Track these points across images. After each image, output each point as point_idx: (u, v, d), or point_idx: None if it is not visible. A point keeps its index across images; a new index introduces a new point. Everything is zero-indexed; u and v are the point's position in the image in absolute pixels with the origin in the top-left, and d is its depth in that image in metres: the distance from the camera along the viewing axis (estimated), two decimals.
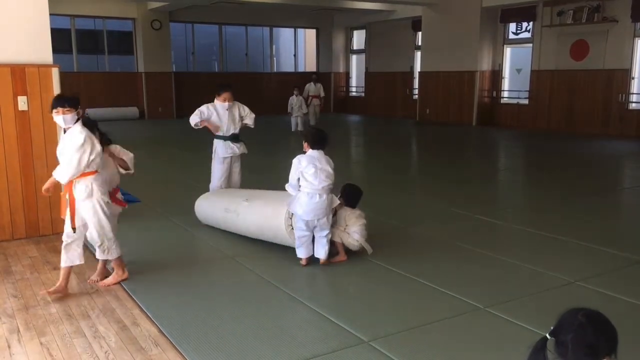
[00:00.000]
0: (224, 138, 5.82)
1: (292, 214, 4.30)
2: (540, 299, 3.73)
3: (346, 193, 4.53)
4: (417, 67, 17.59)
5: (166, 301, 3.67)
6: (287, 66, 21.85)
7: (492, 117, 15.70)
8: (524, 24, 15.02)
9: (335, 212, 4.43)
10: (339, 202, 4.39)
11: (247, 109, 5.91)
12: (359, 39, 20.97)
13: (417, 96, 17.46)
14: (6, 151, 4.88)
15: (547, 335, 1.74)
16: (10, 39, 4.83)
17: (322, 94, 14.61)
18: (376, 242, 4.96)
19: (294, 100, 13.60)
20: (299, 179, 4.19)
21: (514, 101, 15.56)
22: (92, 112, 16.48)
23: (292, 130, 13.62)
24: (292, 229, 4.34)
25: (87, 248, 4.33)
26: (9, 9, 4.82)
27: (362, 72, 20.57)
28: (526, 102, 15.04)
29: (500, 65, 15.61)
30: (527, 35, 14.98)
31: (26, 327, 3.31)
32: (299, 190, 4.21)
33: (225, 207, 5.05)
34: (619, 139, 12.45)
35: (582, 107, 13.58)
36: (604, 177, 8.57)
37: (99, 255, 3.95)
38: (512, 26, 15.37)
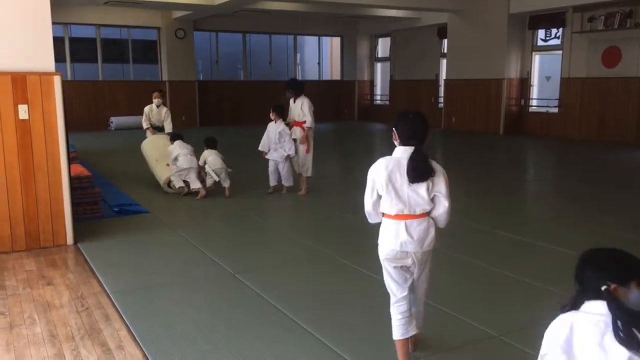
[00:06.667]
0: None
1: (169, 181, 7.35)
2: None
3: (206, 141, 7.28)
4: (443, 75, 17.24)
5: (157, 322, 3.46)
6: (312, 74, 21.69)
7: (520, 126, 15.24)
8: (554, 31, 14.55)
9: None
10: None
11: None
12: (383, 46, 20.70)
13: (442, 104, 17.11)
14: (6, 161, 4.76)
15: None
16: (10, 46, 4.72)
17: (309, 119, 7.08)
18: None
19: (271, 130, 7.15)
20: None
21: (543, 110, 15.07)
22: (116, 120, 16.65)
23: (270, 185, 7.30)
24: (169, 187, 7.37)
25: None
26: (10, 16, 4.71)
27: (386, 80, 20.28)
28: (556, 110, 14.55)
29: (529, 73, 15.16)
30: (556, 41, 14.51)
31: (6, 349, 3.13)
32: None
33: (155, 158, 7.85)
34: None
35: (615, 116, 13.05)
36: (639, 189, 8.11)
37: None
38: (541, 33, 14.91)
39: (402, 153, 2.74)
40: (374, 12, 17.03)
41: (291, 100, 7.27)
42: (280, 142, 7.07)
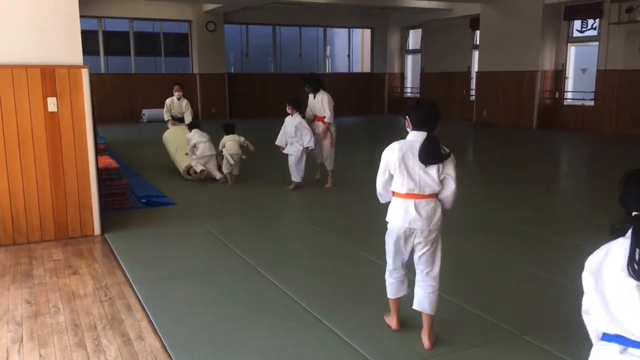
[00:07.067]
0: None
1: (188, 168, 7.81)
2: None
3: (225, 127, 7.70)
4: (475, 67, 16.96)
5: (177, 313, 3.49)
6: (342, 67, 21.61)
7: (554, 120, 14.91)
8: (590, 21, 14.17)
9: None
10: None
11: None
12: (414, 38, 20.47)
13: (474, 97, 16.85)
14: (36, 152, 4.85)
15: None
16: (40, 39, 4.80)
17: (328, 114, 7.12)
18: None
19: (288, 124, 7.06)
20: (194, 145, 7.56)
21: (579, 103, 14.70)
22: (148, 112, 16.87)
23: (293, 180, 7.16)
24: (189, 174, 7.81)
25: None
26: (39, 10, 4.79)
27: (417, 73, 20.07)
28: (591, 103, 14.18)
29: (564, 65, 14.79)
30: (592, 33, 14.13)
31: (30, 337, 3.19)
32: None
33: (175, 147, 8.33)
34: None
35: None
36: None
37: None
38: (577, 23, 14.53)
39: (415, 137, 2.95)
40: (405, 3, 16.83)
41: (310, 96, 7.29)
42: (296, 136, 6.96)
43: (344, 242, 5.01)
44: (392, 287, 3.13)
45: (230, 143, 7.49)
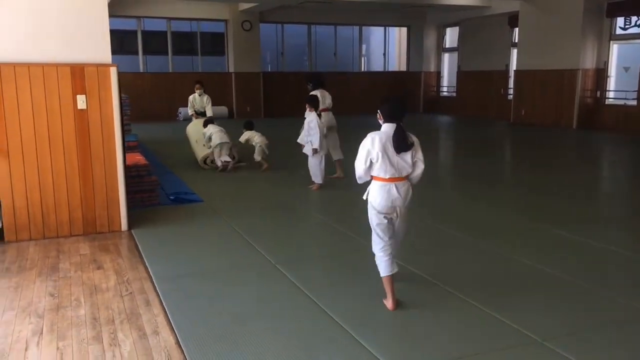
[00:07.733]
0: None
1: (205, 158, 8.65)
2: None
3: (246, 124, 8.72)
4: (513, 66, 16.61)
5: (194, 310, 3.51)
6: (378, 65, 21.50)
7: (595, 120, 14.47)
8: (634, 18, 13.69)
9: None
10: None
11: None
12: (451, 36, 20.18)
13: (512, 96, 16.51)
14: (65, 149, 4.97)
15: None
16: (69, 39, 4.91)
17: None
18: (424, 255, 4.57)
19: (305, 122, 7.00)
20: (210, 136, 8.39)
21: (621, 102, 14.24)
22: (184, 110, 17.11)
23: (314, 181, 7.13)
24: (205, 164, 8.62)
25: None
26: (69, 10, 4.90)
27: (454, 71, 19.78)
28: (634, 102, 13.71)
29: (606, 63, 14.35)
30: (636, 30, 13.65)
31: (50, 329, 3.26)
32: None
33: (196, 139, 9.15)
34: None
35: None
36: None
37: None
38: (620, 20, 14.07)
39: (388, 128, 3.44)
40: (443, 1, 16.60)
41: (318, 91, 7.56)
42: (310, 135, 6.87)
43: (362, 241, 4.95)
44: (387, 263, 3.51)
45: (259, 137, 8.56)
